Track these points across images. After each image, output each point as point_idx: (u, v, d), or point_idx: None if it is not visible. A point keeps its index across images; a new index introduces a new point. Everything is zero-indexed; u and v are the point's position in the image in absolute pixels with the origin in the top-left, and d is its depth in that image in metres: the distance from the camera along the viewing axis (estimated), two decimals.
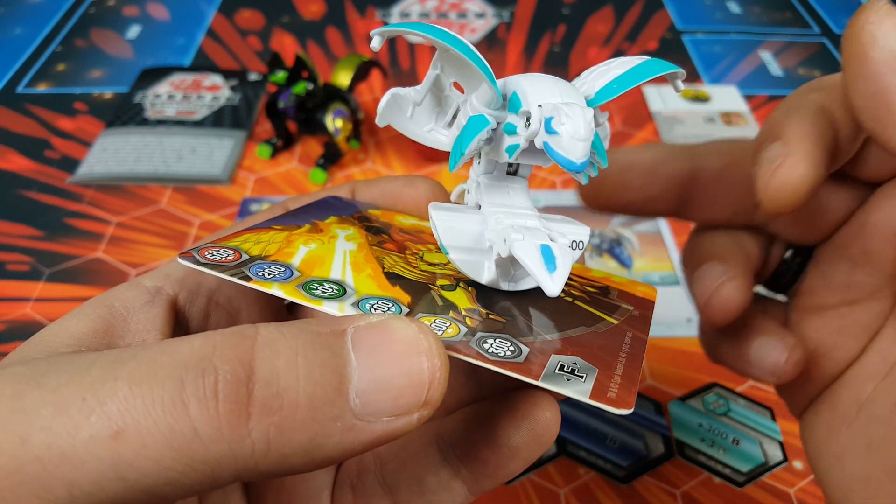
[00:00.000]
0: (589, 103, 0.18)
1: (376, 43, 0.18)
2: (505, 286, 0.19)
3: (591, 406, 0.15)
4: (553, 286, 0.16)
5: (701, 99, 0.58)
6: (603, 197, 0.24)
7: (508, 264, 0.19)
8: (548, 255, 0.16)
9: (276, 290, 0.16)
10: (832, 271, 0.22)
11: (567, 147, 0.16)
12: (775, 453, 0.35)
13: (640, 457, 0.35)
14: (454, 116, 0.19)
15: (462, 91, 0.19)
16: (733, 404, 0.38)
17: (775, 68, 0.63)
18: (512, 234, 0.17)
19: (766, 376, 0.22)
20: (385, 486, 0.21)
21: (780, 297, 0.25)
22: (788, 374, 0.21)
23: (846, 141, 0.19)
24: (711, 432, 0.36)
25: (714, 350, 0.24)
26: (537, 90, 0.17)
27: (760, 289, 0.25)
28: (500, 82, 0.18)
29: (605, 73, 0.18)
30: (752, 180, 0.18)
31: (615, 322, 0.19)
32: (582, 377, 0.15)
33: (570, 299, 0.19)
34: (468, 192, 0.20)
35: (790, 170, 0.17)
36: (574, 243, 0.19)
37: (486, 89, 0.18)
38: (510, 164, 0.20)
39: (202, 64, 0.62)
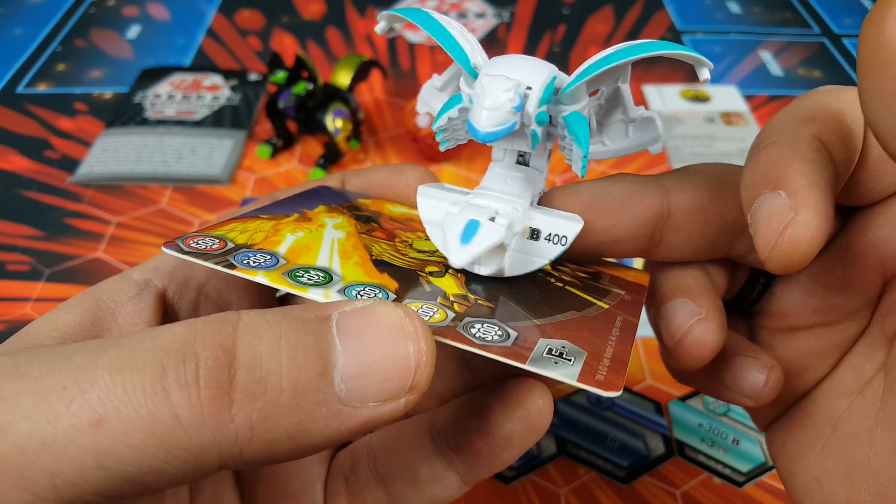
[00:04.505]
0: (571, 83, 0.18)
1: (382, 27, 0.18)
2: (476, 269, 0.19)
3: (581, 388, 0.15)
4: (455, 256, 0.16)
5: (701, 99, 0.58)
6: None
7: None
8: (470, 230, 0.16)
9: (260, 278, 0.16)
10: (807, 296, 0.21)
11: (475, 115, 0.16)
12: None
13: (640, 457, 0.35)
14: None
15: None
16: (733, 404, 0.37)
17: (775, 68, 0.63)
18: (451, 207, 0.17)
19: (743, 399, 0.21)
20: (378, 478, 0.21)
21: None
22: (767, 396, 0.20)
23: (841, 178, 0.18)
24: (711, 432, 0.36)
25: (681, 371, 0.23)
26: (492, 66, 0.17)
27: None
28: None
29: (598, 55, 0.18)
30: (752, 233, 0.16)
31: (606, 306, 0.18)
32: (570, 360, 0.15)
33: (561, 284, 0.19)
34: None
35: (803, 229, 0.15)
36: (554, 237, 0.18)
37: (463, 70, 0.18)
38: (521, 154, 0.20)
39: (202, 64, 0.62)
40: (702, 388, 0.22)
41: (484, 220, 0.17)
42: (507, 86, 0.16)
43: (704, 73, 0.17)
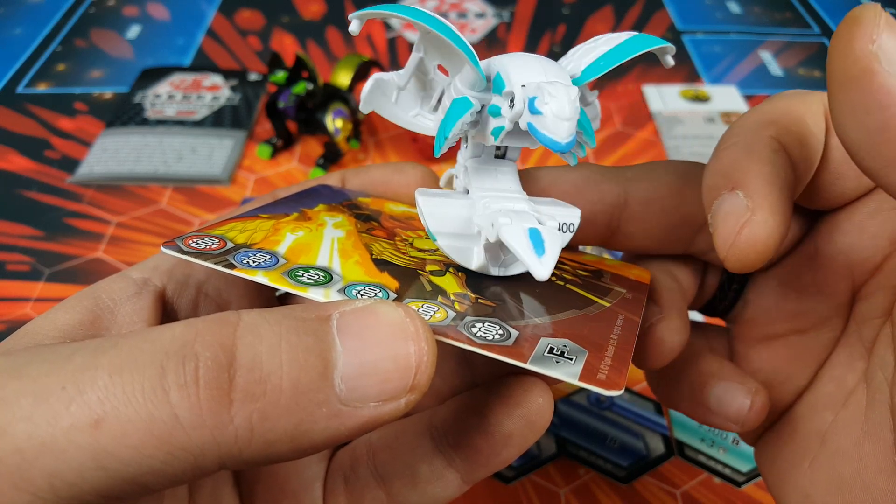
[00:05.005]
0: (575, 81, 0.18)
1: (355, 27, 0.18)
2: (495, 271, 0.19)
3: (582, 387, 0.15)
4: (542, 270, 0.16)
5: (701, 99, 0.58)
6: None
7: (498, 249, 0.18)
8: (536, 239, 0.16)
9: (260, 278, 0.16)
10: (780, 301, 0.21)
11: (552, 127, 0.16)
12: None
13: (640, 457, 0.35)
14: (439, 100, 0.19)
15: (447, 74, 0.19)
16: None
17: (775, 68, 0.63)
18: (499, 217, 0.17)
19: (729, 424, 0.21)
20: (378, 477, 0.21)
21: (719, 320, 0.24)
22: (752, 421, 0.21)
23: (801, 179, 0.18)
24: (711, 432, 0.36)
25: (666, 395, 0.23)
26: (521, 70, 0.17)
27: (698, 316, 0.23)
28: (483, 63, 0.18)
29: (591, 51, 0.18)
30: (711, 232, 0.17)
31: (607, 305, 0.18)
32: (571, 359, 0.15)
33: (562, 283, 0.19)
34: (457, 177, 0.20)
35: (759, 228, 0.16)
36: (563, 226, 0.18)
37: (469, 71, 0.17)
38: (498, 148, 0.20)
39: (202, 64, 0.62)
40: (688, 412, 0.22)
41: (542, 228, 0.17)
42: (573, 94, 0.16)
43: (669, 61, 0.18)
